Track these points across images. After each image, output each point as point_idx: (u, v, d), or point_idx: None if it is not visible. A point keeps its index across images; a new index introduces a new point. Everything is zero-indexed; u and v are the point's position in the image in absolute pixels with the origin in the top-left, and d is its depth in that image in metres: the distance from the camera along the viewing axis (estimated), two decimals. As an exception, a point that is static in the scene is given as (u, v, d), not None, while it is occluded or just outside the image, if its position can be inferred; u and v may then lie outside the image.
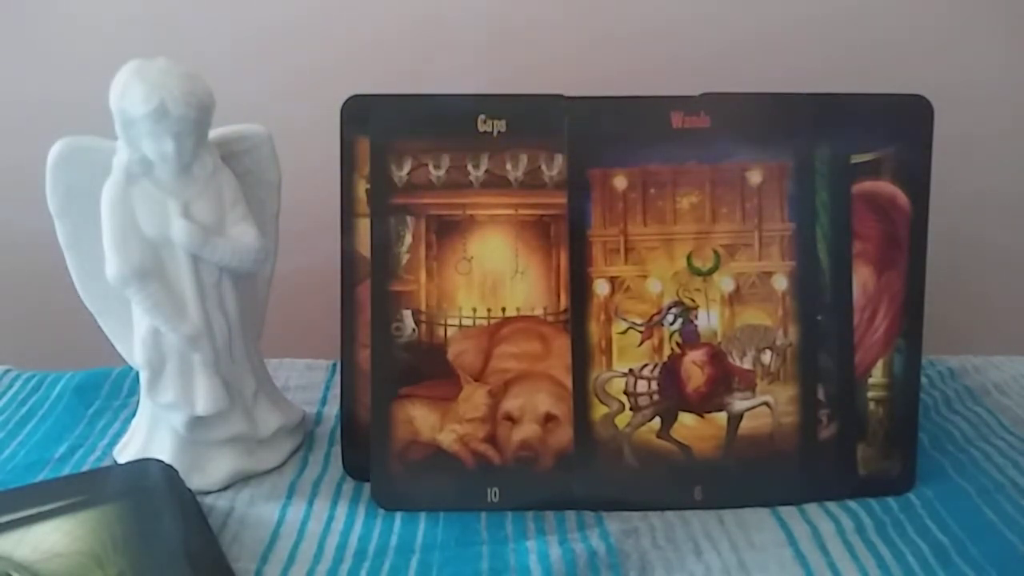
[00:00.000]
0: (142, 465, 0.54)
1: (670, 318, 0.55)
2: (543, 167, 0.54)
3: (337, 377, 0.60)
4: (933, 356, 0.71)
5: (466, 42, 0.80)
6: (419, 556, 0.51)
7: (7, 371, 0.71)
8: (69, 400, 0.66)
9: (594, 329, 0.54)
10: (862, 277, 0.55)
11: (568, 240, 0.54)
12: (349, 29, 0.80)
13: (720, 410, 0.55)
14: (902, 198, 0.55)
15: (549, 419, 0.55)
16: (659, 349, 0.55)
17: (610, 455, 0.55)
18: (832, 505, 0.55)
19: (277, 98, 0.78)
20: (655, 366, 0.55)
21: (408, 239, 0.55)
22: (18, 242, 0.81)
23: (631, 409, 0.55)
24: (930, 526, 0.53)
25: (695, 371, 0.55)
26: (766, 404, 0.55)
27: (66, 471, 0.58)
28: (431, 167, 0.54)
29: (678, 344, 0.55)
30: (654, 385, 0.55)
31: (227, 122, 0.56)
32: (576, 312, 0.54)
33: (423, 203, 0.54)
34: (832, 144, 0.54)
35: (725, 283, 0.55)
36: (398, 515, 0.54)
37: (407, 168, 0.54)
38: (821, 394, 0.55)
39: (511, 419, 0.55)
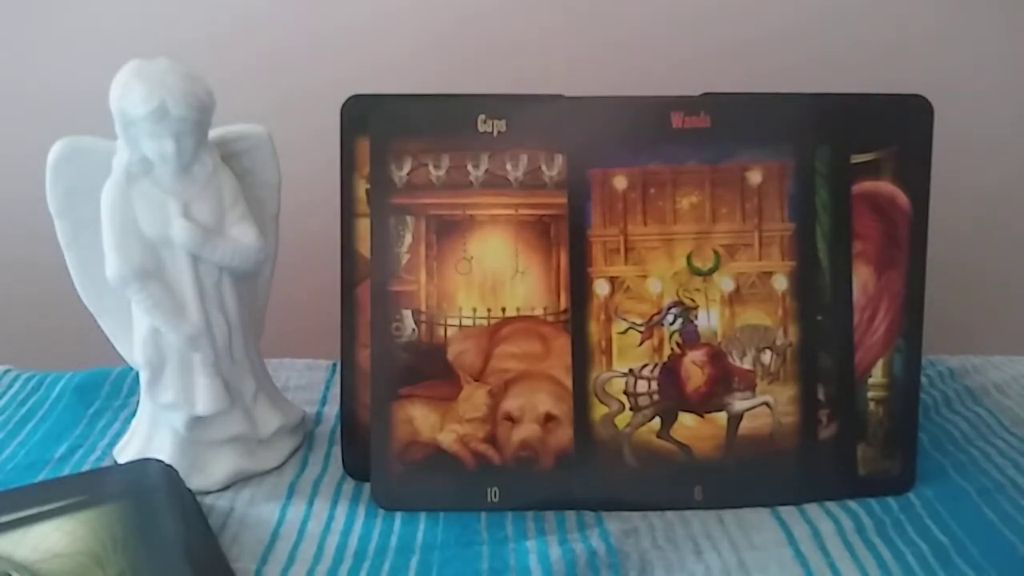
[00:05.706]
0: (142, 465, 0.54)
1: (670, 318, 0.55)
2: (543, 167, 0.54)
3: (337, 377, 0.60)
4: (933, 356, 0.71)
5: (466, 42, 0.80)
6: (419, 556, 0.51)
7: (7, 371, 0.71)
8: (69, 400, 0.66)
9: (594, 329, 0.54)
10: (862, 277, 0.55)
11: (568, 240, 0.54)
12: (349, 29, 0.80)
13: (720, 410, 0.55)
14: (902, 198, 0.55)
15: (549, 419, 0.55)
16: (659, 349, 0.55)
17: (610, 455, 0.55)
18: (832, 505, 0.54)
19: (277, 98, 0.78)
20: (655, 366, 0.55)
21: (408, 239, 0.55)
22: (18, 242, 0.81)
23: (631, 409, 0.55)
24: (930, 526, 0.53)
25: (695, 371, 0.55)
26: (766, 404, 0.55)
27: (66, 471, 0.58)
28: (431, 167, 0.54)
29: (678, 344, 0.55)
30: (654, 385, 0.55)
31: (227, 122, 0.56)
32: (576, 312, 0.54)
33: (423, 203, 0.54)
34: (832, 144, 0.54)
35: (725, 283, 0.55)
36: (398, 515, 0.54)
37: (407, 168, 0.54)
38: (821, 394, 0.55)
39: (511, 419, 0.55)
